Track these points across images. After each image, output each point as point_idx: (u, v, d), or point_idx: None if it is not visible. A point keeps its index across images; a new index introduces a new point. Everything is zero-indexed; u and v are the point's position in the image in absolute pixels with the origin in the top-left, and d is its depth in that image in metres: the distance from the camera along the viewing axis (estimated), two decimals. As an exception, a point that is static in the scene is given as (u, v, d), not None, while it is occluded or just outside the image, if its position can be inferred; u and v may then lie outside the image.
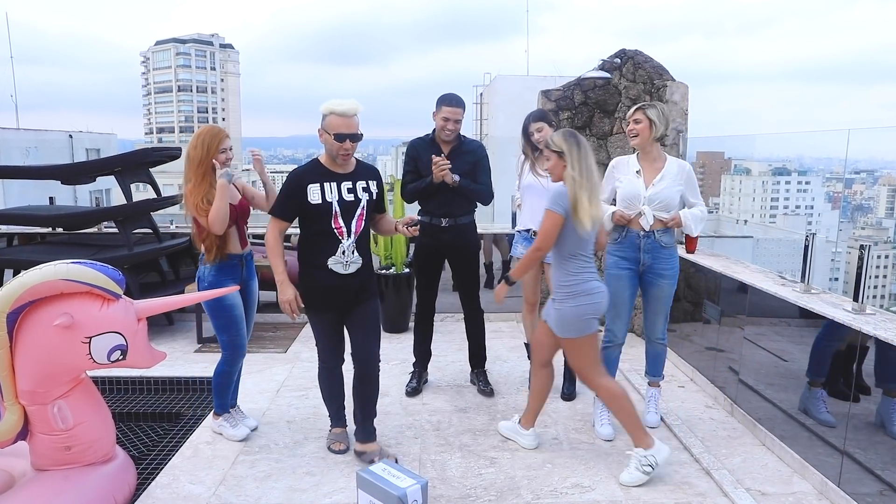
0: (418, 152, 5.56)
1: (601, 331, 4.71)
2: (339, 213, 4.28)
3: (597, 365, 4.44)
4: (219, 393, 4.90)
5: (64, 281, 3.55)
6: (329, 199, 4.26)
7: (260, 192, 4.94)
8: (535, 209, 5.49)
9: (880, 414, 3.85)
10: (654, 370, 5.32)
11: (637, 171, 4.93)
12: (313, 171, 4.32)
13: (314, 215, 4.28)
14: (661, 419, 5.23)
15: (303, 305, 4.36)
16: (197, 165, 4.49)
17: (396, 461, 4.46)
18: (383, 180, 4.60)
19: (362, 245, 4.41)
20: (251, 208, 4.87)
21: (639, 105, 4.93)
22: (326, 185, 4.28)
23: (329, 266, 4.31)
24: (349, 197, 4.32)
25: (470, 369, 5.99)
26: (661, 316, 5.11)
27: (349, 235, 4.32)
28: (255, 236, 5.97)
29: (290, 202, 4.31)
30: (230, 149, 4.64)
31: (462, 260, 5.65)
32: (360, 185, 4.39)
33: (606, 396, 4.45)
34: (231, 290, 4.46)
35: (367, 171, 4.48)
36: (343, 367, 4.68)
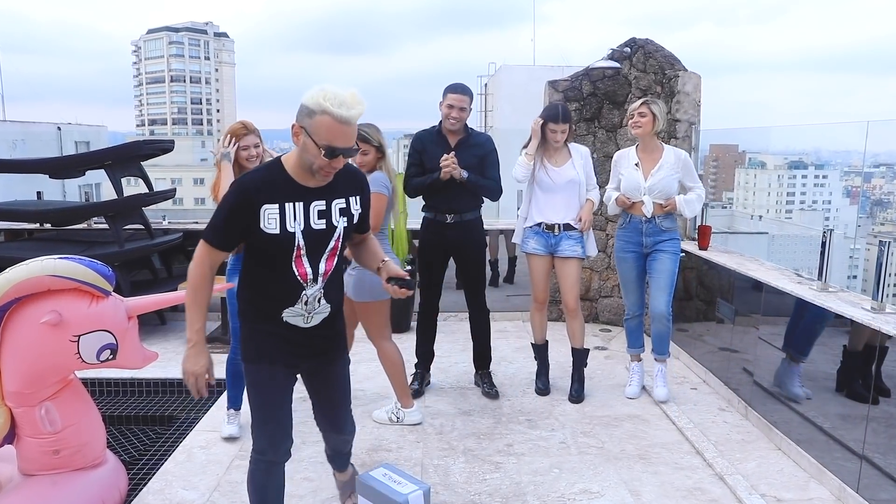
0: (424, 145, 5.55)
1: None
2: (303, 248, 3.00)
3: (384, 328, 5.03)
4: (229, 384, 5.00)
5: (51, 277, 3.55)
6: (291, 229, 2.96)
7: None
8: (543, 202, 5.50)
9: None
10: (658, 348, 5.71)
11: (636, 164, 5.50)
12: (273, 184, 2.96)
13: (267, 249, 2.99)
14: (674, 422, 5.23)
15: (213, 383, 3.16)
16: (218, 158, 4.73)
17: None
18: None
19: (333, 287, 3.19)
20: None
21: (644, 99, 5.42)
22: (289, 206, 2.96)
23: (284, 319, 3.10)
24: (319, 224, 3.03)
25: (474, 370, 5.99)
26: (663, 291, 5.51)
27: (316, 280, 3.09)
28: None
29: (232, 225, 2.96)
30: (254, 146, 4.76)
31: (467, 257, 5.65)
32: (338, 204, 3.09)
33: (385, 359, 5.09)
34: (225, 287, 4.50)
35: (349, 180, 3.15)
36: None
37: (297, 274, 3.02)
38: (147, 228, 7.56)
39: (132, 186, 8.43)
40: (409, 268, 7.56)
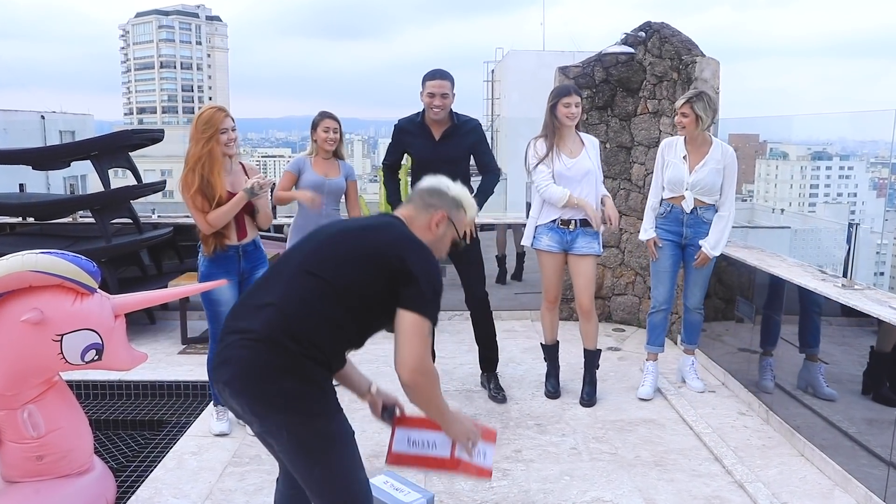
0: (405, 135, 5.66)
1: None
2: None
3: None
4: (211, 383, 5.05)
5: (33, 273, 3.54)
6: None
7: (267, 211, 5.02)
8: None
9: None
10: (692, 338, 5.99)
11: (683, 157, 5.59)
12: None
13: (382, 320, 3.14)
14: (691, 427, 5.22)
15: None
16: (192, 149, 4.67)
17: None
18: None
19: None
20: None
21: (687, 98, 5.43)
22: None
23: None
24: None
25: (480, 372, 5.99)
26: (699, 286, 5.80)
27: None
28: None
29: None
30: (232, 129, 4.75)
31: (468, 248, 5.66)
32: None
33: None
34: (214, 285, 4.51)
35: None
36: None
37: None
38: (135, 222, 7.56)
39: (120, 178, 8.44)
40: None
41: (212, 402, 5.22)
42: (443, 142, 5.51)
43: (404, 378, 2.84)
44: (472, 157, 5.67)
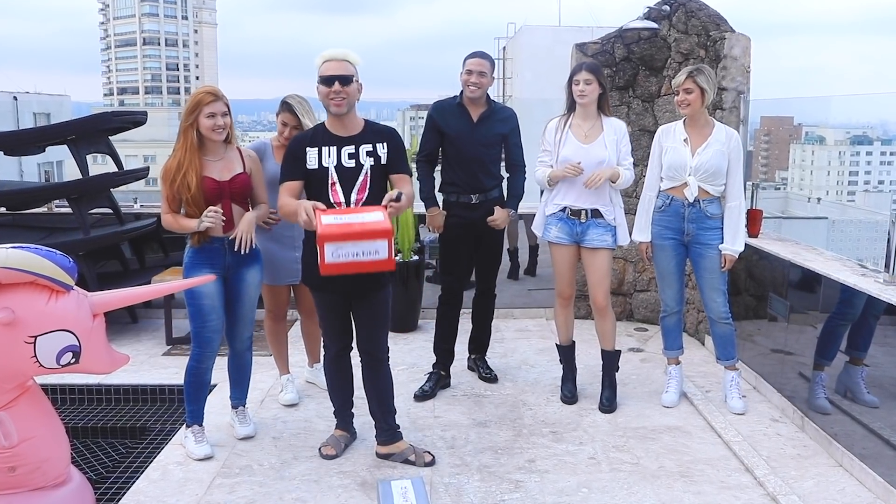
0: (444, 118, 5.79)
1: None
2: (336, 180, 4.50)
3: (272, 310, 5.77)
4: (188, 396, 4.91)
5: (3, 269, 3.53)
6: (325, 165, 4.51)
7: (264, 206, 5.01)
8: (568, 184, 5.48)
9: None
10: (723, 353, 5.71)
11: (684, 140, 5.49)
12: (314, 135, 4.62)
13: (311, 182, 4.54)
14: (719, 435, 5.20)
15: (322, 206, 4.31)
16: (180, 133, 4.66)
17: (433, 460, 4.82)
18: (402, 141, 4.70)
19: None
20: (252, 190, 4.91)
21: (688, 72, 5.33)
22: (325, 149, 4.53)
23: None
24: (349, 163, 4.53)
25: (468, 355, 6.35)
26: (717, 291, 5.58)
27: (349, 205, 4.50)
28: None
29: (293, 164, 4.55)
30: (223, 114, 4.62)
31: (491, 237, 5.91)
32: (365, 148, 4.56)
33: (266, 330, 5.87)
34: (201, 281, 4.47)
35: (376, 132, 4.66)
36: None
37: (332, 201, 4.47)
38: (116, 213, 7.55)
39: (99, 165, 8.43)
40: (415, 257, 7.54)
41: (185, 425, 5.03)
42: (480, 124, 5.71)
43: None
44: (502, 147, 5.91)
